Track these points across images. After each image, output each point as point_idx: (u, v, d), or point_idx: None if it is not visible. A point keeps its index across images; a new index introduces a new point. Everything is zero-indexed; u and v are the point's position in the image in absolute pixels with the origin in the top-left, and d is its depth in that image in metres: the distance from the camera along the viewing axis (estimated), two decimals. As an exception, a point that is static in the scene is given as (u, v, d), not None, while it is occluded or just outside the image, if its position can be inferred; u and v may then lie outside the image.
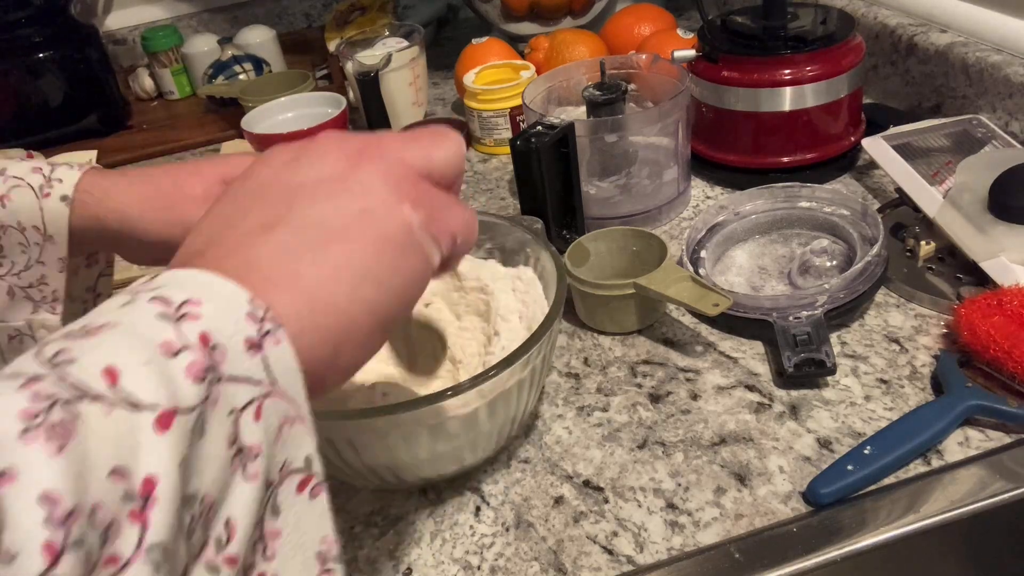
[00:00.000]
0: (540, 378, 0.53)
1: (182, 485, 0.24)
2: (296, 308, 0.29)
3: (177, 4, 1.40)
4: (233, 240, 0.30)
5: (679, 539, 0.49)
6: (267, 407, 0.27)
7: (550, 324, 0.50)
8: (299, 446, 0.28)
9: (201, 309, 0.26)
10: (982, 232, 0.62)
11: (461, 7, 1.40)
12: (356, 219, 0.31)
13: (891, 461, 0.50)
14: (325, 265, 0.30)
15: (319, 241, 0.30)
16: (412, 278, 0.33)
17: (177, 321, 0.26)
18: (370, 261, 0.31)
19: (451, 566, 0.50)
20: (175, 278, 0.27)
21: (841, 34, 0.76)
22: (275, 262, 0.30)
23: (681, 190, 0.80)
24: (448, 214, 0.35)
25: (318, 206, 0.31)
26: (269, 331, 0.27)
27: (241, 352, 0.26)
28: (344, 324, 0.30)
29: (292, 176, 0.33)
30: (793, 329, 0.59)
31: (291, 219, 0.31)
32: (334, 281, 0.30)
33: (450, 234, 0.35)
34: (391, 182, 0.33)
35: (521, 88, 0.86)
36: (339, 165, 0.33)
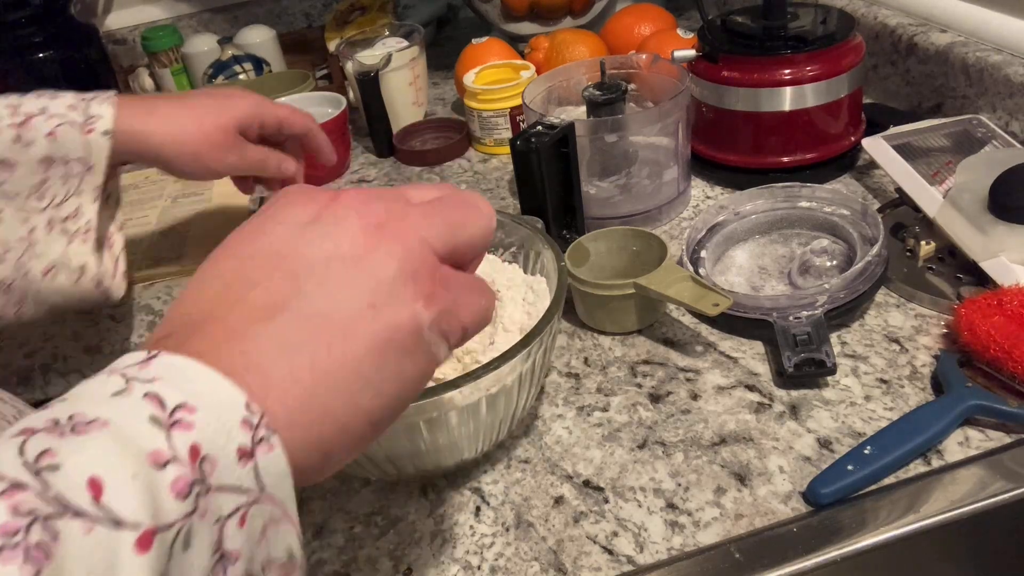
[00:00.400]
0: (540, 374, 0.53)
1: None
2: (290, 414, 0.28)
3: (177, 4, 1.40)
4: (235, 319, 0.29)
5: (679, 539, 0.49)
6: (253, 513, 0.26)
7: (551, 318, 0.50)
8: (283, 541, 0.28)
9: (195, 417, 0.25)
10: (982, 232, 0.62)
11: (461, 7, 1.40)
12: (363, 316, 0.30)
13: (891, 461, 0.50)
14: (325, 369, 0.29)
15: (322, 338, 0.29)
16: (413, 381, 0.32)
17: (169, 428, 0.25)
18: (371, 368, 0.30)
19: (451, 566, 0.50)
20: (171, 370, 0.26)
21: (841, 34, 0.76)
22: (274, 359, 0.28)
23: (681, 190, 0.80)
24: (463, 306, 0.33)
25: (326, 293, 0.30)
26: (263, 438, 0.27)
27: (232, 462, 0.26)
28: (337, 431, 0.30)
29: (306, 246, 0.31)
30: (793, 329, 0.59)
31: (296, 305, 0.29)
32: (332, 388, 0.29)
33: (462, 328, 0.33)
34: (407, 272, 0.31)
35: (521, 88, 0.86)
36: (356, 241, 0.31)
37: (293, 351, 0.28)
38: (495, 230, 0.36)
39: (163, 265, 0.85)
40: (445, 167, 0.96)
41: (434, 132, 1.02)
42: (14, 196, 0.59)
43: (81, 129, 0.59)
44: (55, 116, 0.59)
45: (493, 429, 0.52)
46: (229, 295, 0.30)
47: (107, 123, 0.59)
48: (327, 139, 0.77)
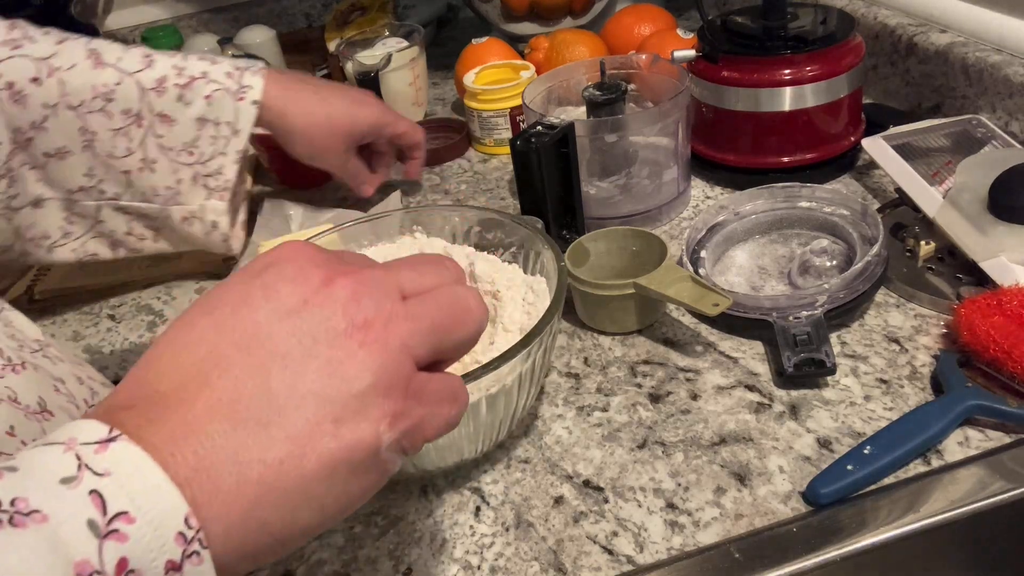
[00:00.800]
0: (539, 374, 0.53)
1: None
2: (227, 527, 0.28)
3: (177, 4, 1.40)
4: (198, 411, 0.28)
5: (679, 539, 0.49)
6: None
7: (550, 318, 0.50)
8: None
9: (132, 528, 0.25)
10: (982, 232, 0.62)
11: (461, 7, 1.41)
12: (324, 431, 0.29)
13: (891, 461, 0.50)
14: (272, 485, 0.28)
15: (278, 452, 0.28)
16: (358, 498, 0.32)
17: (104, 538, 0.25)
18: (319, 487, 0.29)
19: (451, 566, 0.50)
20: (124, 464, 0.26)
21: (841, 34, 0.76)
22: (226, 467, 0.28)
23: (681, 190, 0.80)
24: (430, 420, 0.32)
25: (293, 403, 0.29)
26: (195, 552, 0.27)
27: (159, 574, 0.26)
28: (270, 543, 0.29)
29: (284, 339, 0.30)
30: (793, 329, 0.59)
31: (261, 414, 0.29)
32: (274, 504, 0.29)
33: (423, 441, 0.33)
34: (380, 387, 0.30)
35: (521, 88, 0.86)
36: (337, 344, 0.30)
37: (245, 463, 0.28)
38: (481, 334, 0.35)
39: (163, 266, 0.85)
40: (445, 167, 0.96)
41: (434, 132, 1.02)
42: (168, 149, 0.68)
43: (234, 96, 0.68)
44: (213, 81, 0.67)
45: (493, 429, 0.52)
46: (199, 375, 0.29)
47: (256, 94, 0.68)
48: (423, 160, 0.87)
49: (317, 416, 0.29)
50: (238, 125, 0.68)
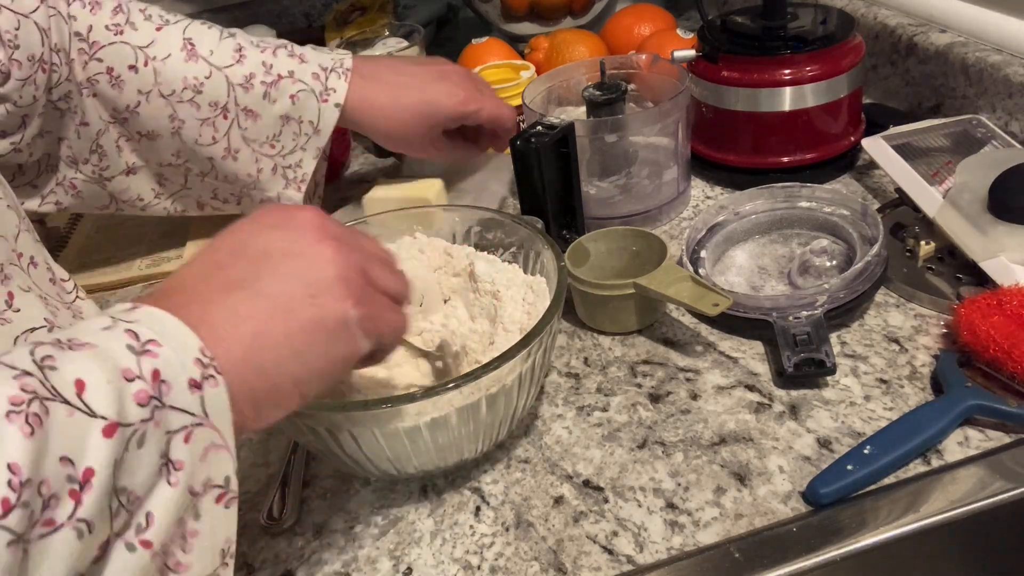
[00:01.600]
0: (539, 374, 0.53)
1: (114, 479, 0.30)
2: (234, 363, 0.35)
3: (177, 4, 1.40)
4: (200, 291, 0.37)
5: (679, 539, 0.49)
6: (196, 434, 0.33)
7: (550, 318, 0.50)
8: (221, 467, 0.35)
9: (160, 350, 0.33)
10: (982, 232, 0.62)
11: (461, 7, 1.40)
12: (302, 301, 0.38)
13: (891, 461, 0.50)
14: (265, 336, 0.37)
15: (266, 312, 0.37)
16: (337, 362, 0.40)
17: (139, 355, 0.32)
18: (302, 343, 0.38)
19: (451, 566, 0.50)
20: (149, 316, 0.34)
21: (841, 34, 0.76)
22: (225, 321, 0.36)
23: (681, 190, 0.80)
24: (383, 318, 0.41)
25: (277, 279, 0.38)
26: (211, 376, 0.34)
27: (184, 389, 0.33)
28: (267, 387, 0.37)
29: (268, 243, 0.39)
30: (793, 329, 0.59)
31: (251, 285, 0.38)
32: (268, 352, 0.37)
33: (378, 333, 0.41)
34: (343, 277, 0.39)
35: (521, 88, 0.86)
36: (310, 245, 0.39)
37: (240, 319, 0.37)
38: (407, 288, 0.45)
39: (163, 265, 0.85)
40: (445, 167, 0.96)
41: (434, 132, 1.01)
42: (252, 141, 0.71)
43: (319, 98, 0.70)
44: (300, 81, 0.70)
45: (493, 429, 0.52)
46: (202, 273, 0.39)
47: (339, 97, 0.70)
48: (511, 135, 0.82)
49: (297, 290, 0.38)
50: (320, 125, 0.71)
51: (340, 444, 0.49)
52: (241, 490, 0.57)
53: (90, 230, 0.93)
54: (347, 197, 0.93)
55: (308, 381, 0.39)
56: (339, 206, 0.91)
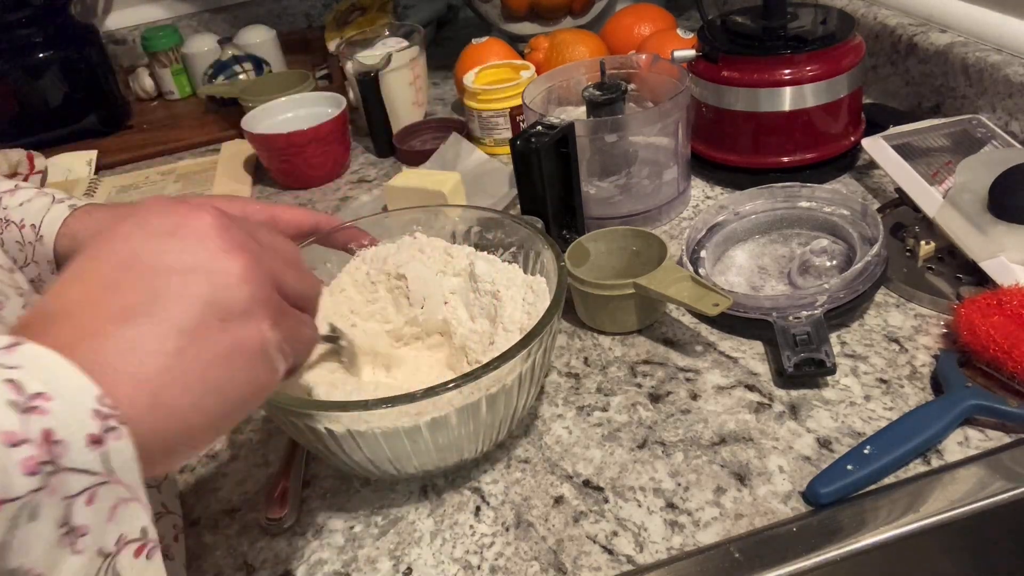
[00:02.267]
0: (539, 374, 0.53)
1: (3, 562, 0.26)
2: (139, 408, 0.30)
3: (177, 4, 1.40)
4: (90, 321, 0.31)
5: (679, 539, 0.49)
6: (100, 493, 0.29)
7: (550, 318, 0.50)
8: (134, 520, 0.30)
9: (51, 404, 0.27)
10: (982, 232, 0.62)
11: (461, 7, 1.40)
12: (214, 328, 0.33)
13: (891, 461, 0.50)
14: (172, 373, 0.31)
15: (172, 347, 0.31)
16: (257, 390, 0.35)
17: (25, 413, 0.27)
18: (219, 375, 0.33)
19: (451, 566, 0.50)
20: (35, 359, 0.28)
21: (841, 34, 0.76)
22: (126, 359, 0.31)
23: (681, 190, 0.80)
24: (300, 335, 0.38)
25: (181, 303, 0.32)
26: (112, 427, 0.29)
27: (83, 447, 0.28)
28: (181, 429, 0.32)
29: (163, 256, 0.33)
30: (793, 329, 0.59)
31: (151, 311, 0.32)
32: (180, 390, 0.32)
33: (295, 353, 0.37)
34: (260, 297, 0.34)
35: (521, 88, 0.86)
36: (212, 256, 0.34)
37: (144, 354, 0.31)
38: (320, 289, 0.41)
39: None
40: (445, 167, 0.96)
41: (434, 132, 1.02)
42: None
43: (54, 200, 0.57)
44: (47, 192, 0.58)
45: (493, 429, 0.52)
46: (88, 296, 0.32)
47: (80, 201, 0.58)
48: None
49: (205, 316, 0.32)
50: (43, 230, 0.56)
51: (340, 444, 0.49)
52: (241, 490, 0.57)
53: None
54: (348, 197, 0.93)
55: (226, 415, 0.34)
56: (340, 206, 0.91)
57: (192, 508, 0.57)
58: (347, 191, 0.95)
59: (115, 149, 1.13)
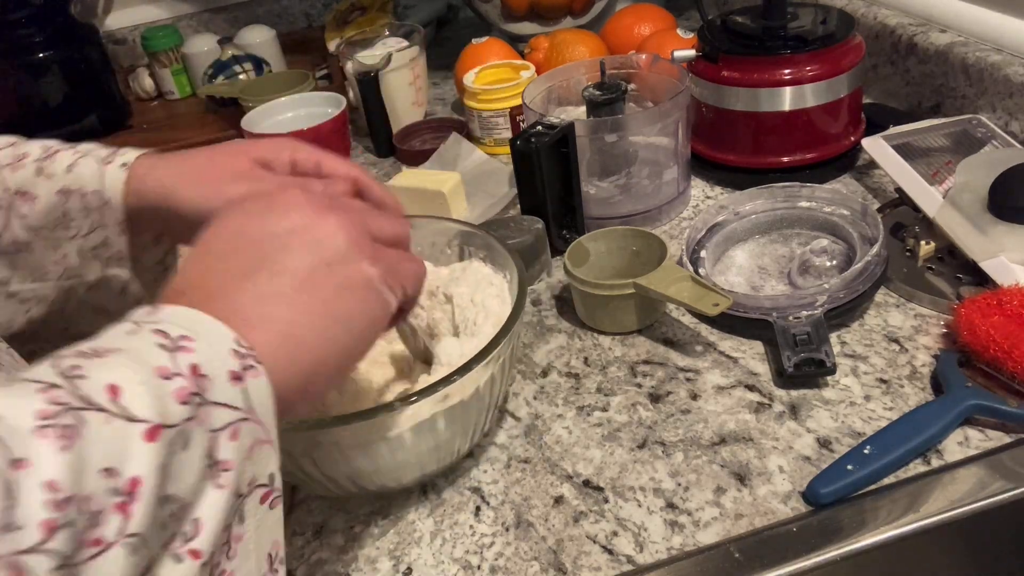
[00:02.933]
0: (504, 383, 0.53)
1: (162, 487, 0.28)
2: (272, 347, 0.34)
3: (177, 4, 1.40)
4: (215, 285, 0.35)
5: (679, 539, 0.49)
6: (243, 430, 0.31)
7: (500, 338, 0.50)
8: (266, 464, 0.33)
9: (194, 344, 0.31)
10: (982, 232, 0.62)
11: (461, 7, 1.40)
12: (322, 271, 0.37)
13: (891, 461, 0.50)
14: (297, 310, 0.35)
15: (290, 289, 0.36)
16: (373, 320, 0.39)
17: (173, 352, 0.30)
18: (336, 307, 0.36)
19: (451, 566, 0.50)
20: (173, 315, 0.32)
21: (841, 34, 0.76)
22: (253, 307, 0.34)
23: (681, 190, 0.80)
24: (400, 268, 0.41)
25: (288, 257, 0.36)
26: (251, 366, 0.32)
27: (225, 382, 0.31)
28: (314, 360, 0.36)
29: (263, 226, 0.37)
30: (793, 329, 0.59)
31: (264, 268, 0.36)
32: (305, 323, 0.35)
33: (401, 285, 0.40)
34: (352, 240, 0.38)
35: (521, 88, 0.86)
36: (308, 218, 0.38)
37: (268, 300, 0.35)
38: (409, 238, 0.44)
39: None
40: (445, 167, 0.96)
41: (434, 132, 1.02)
42: (39, 228, 0.57)
43: (101, 162, 0.56)
44: (79, 151, 0.57)
45: (455, 443, 0.52)
46: (209, 269, 0.36)
47: (128, 158, 0.56)
48: None
49: (313, 263, 0.37)
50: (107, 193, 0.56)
51: (297, 463, 0.48)
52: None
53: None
54: (347, 197, 0.93)
55: (352, 345, 0.38)
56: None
57: (192, 508, 0.57)
58: (347, 191, 0.95)
59: (115, 149, 1.13)
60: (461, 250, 0.62)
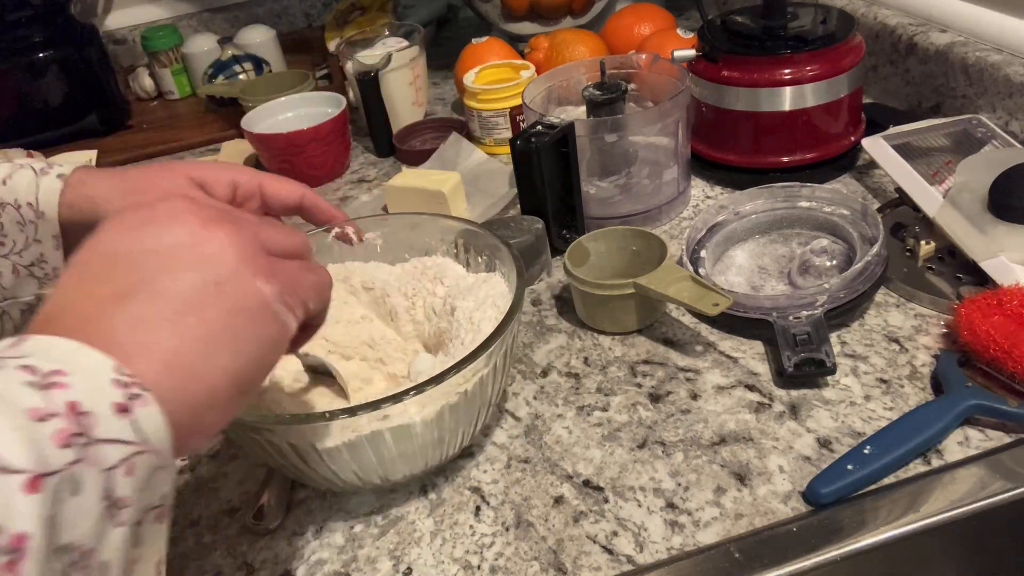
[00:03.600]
0: (501, 384, 0.53)
1: (53, 538, 0.25)
2: (156, 376, 0.30)
3: (177, 4, 1.40)
4: (89, 308, 0.31)
5: (679, 539, 0.49)
6: (139, 463, 0.29)
7: (493, 340, 0.50)
8: (162, 487, 0.31)
9: (68, 379, 0.28)
10: (982, 232, 0.62)
11: (461, 7, 1.40)
12: (210, 292, 0.33)
13: (891, 461, 0.50)
14: (182, 336, 0.32)
15: (174, 312, 0.32)
16: (269, 345, 0.35)
17: (45, 389, 0.27)
18: (225, 331, 0.33)
19: (451, 566, 0.50)
20: (40, 346, 0.29)
21: (841, 34, 0.76)
22: (131, 333, 0.31)
23: (681, 190, 0.80)
24: (301, 282, 0.37)
25: (171, 276, 0.33)
26: (137, 395, 0.29)
27: (111, 416, 0.28)
28: (203, 390, 0.32)
29: (141, 242, 0.34)
30: (793, 329, 0.59)
31: (144, 288, 0.32)
32: (191, 351, 0.32)
33: (302, 302, 0.37)
34: (245, 256, 0.35)
35: (521, 88, 0.86)
36: (195, 232, 0.34)
37: (149, 325, 0.31)
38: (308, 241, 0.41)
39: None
40: (445, 167, 0.96)
41: (434, 132, 1.02)
42: None
43: (37, 173, 0.55)
44: (15, 163, 0.56)
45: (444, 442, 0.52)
46: (82, 291, 0.32)
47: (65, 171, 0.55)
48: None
49: (197, 283, 0.33)
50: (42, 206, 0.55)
51: (304, 458, 0.49)
52: (241, 490, 0.57)
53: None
54: (348, 197, 0.93)
55: (245, 372, 0.34)
56: (340, 205, 0.91)
57: (192, 508, 0.57)
58: (347, 191, 0.95)
59: (115, 149, 1.13)
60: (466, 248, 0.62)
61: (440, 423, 0.49)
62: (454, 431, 0.51)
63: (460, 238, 0.62)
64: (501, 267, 0.59)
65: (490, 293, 0.57)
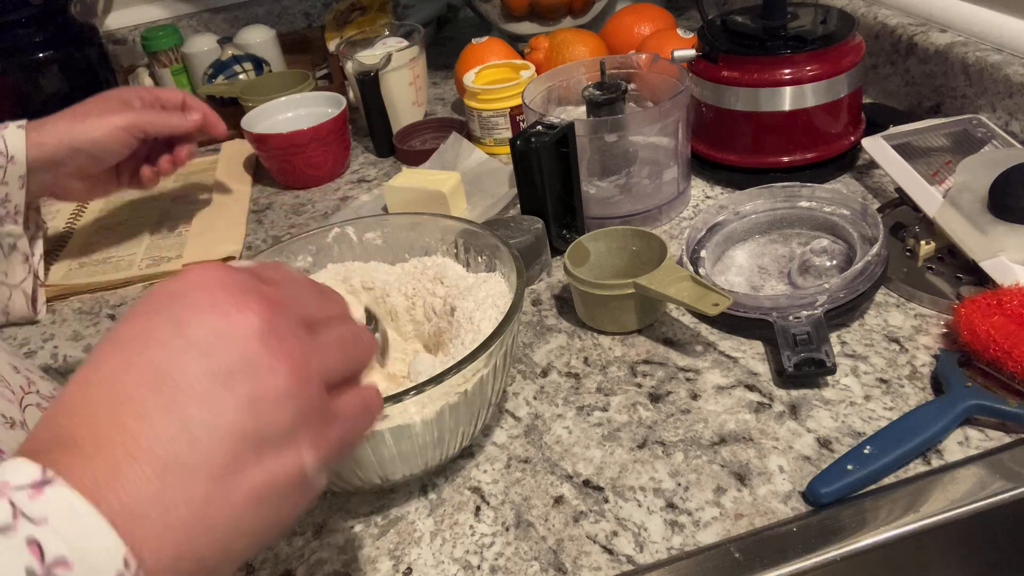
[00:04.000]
0: (501, 382, 0.53)
1: None
2: (161, 563, 0.28)
3: (177, 4, 1.40)
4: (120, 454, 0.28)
5: (679, 539, 0.49)
6: None
7: (493, 340, 0.50)
8: None
9: (71, 573, 0.25)
10: (982, 232, 0.62)
11: (461, 7, 1.40)
12: (247, 463, 0.29)
13: (891, 461, 0.50)
14: (201, 522, 0.28)
15: (202, 491, 0.28)
16: (289, 521, 0.32)
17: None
18: (249, 519, 0.30)
19: (451, 566, 0.50)
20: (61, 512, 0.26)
21: (841, 34, 0.76)
22: (154, 509, 0.28)
23: (681, 190, 0.80)
24: (348, 434, 0.34)
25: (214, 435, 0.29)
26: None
27: None
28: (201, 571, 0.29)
29: (202, 372, 0.29)
30: (793, 329, 0.59)
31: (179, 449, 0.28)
32: (206, 540, 0.29)
33: (342, 453, 0.33)
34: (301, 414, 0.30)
35: (521, 88, 0.86)
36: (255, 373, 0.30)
37: (171, 504, 0.28)
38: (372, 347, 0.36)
39: (163, 265, 0.85)
40: (445, 167, 0.96)
41: (434, 132, 1.02)
42: None
43: None
44: None
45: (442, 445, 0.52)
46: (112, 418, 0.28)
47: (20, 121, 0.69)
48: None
49: (238, 451, 0.29)
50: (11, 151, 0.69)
51: None
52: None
53: (90, 230, 0.93)
54: (348, 197, 0.93)
55: (252, 553, 0.31)
56: (340, 205, 0.91)
57: (192, 508, 0.57)
58: (347, 191, 0.95)
59: (115, 149, 1.13)
60: (466, 248, 0.62)
61: (440, 423, 0.49)
62: (454, 431, 0.51)
63: (460, 238, 0.62)
64: (501, 267, 0.59)
65: (490, 293, 0.57)
